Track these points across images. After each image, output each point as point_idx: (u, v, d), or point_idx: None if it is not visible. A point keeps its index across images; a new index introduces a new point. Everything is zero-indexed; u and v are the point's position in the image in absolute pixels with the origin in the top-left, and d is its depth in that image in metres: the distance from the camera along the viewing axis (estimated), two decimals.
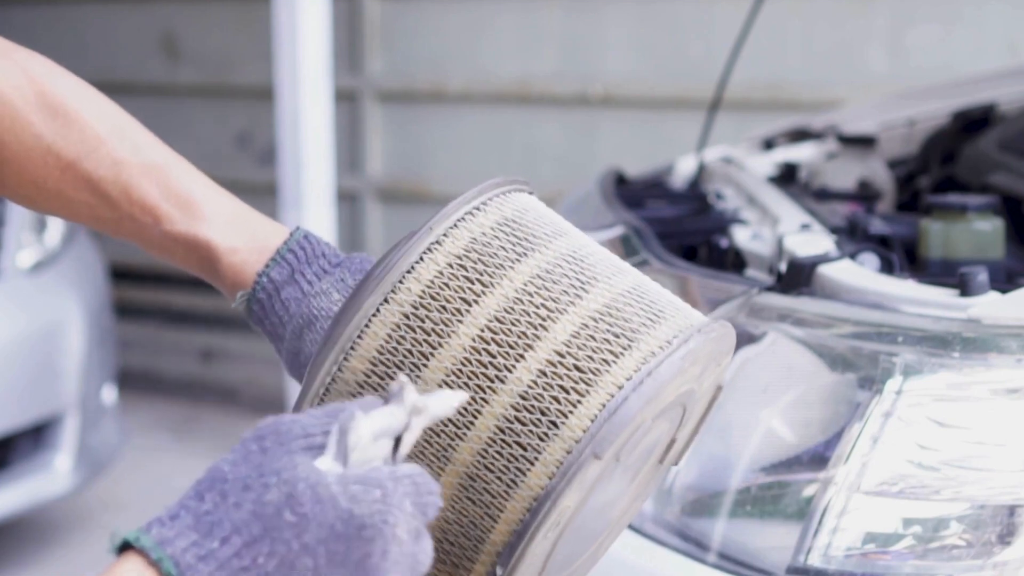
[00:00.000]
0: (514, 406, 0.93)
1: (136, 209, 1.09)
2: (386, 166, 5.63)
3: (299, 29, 4.32)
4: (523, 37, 5.29)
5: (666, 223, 2.42)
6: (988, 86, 2.98)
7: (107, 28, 6.14)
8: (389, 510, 0.81)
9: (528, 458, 0.93)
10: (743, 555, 1.78)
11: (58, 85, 1.11)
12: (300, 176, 4.44)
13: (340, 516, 0.80)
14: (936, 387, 1.72)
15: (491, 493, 0.93)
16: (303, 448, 0.82)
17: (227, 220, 1.10)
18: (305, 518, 0.79)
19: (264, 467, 0.81)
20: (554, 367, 0.94)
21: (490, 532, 0.94)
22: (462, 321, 0.95)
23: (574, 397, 0.93)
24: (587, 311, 0.96)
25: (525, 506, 0.93)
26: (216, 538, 0.79)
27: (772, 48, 4.63)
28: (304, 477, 0.80)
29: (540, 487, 0.92)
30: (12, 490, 3.78)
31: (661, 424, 1.00)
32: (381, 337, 0.95)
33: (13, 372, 3.79)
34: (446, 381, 0.94)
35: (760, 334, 1.90)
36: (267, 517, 0.79)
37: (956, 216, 2.06)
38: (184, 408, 5.59)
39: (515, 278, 0.96)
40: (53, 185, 1.10)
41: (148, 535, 0.79)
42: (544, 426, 0.93)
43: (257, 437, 0.82)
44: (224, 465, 0.81)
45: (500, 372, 0.94)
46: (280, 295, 1.06)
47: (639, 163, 3.53)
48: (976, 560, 1.66)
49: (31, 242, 4.00)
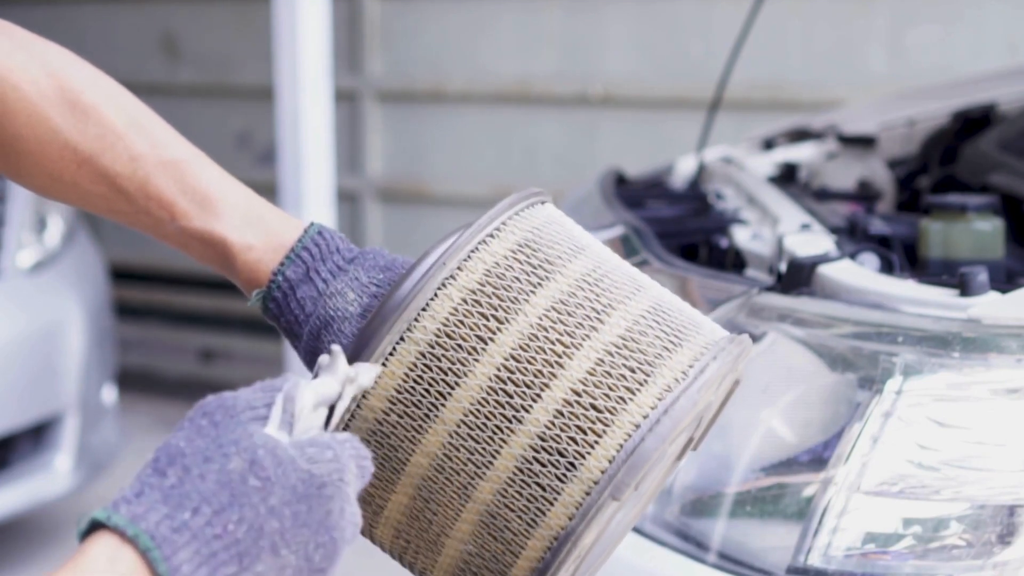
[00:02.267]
0: (532, 446, 0.94)
1: (153, 204, 1.09)
2: (386, 166, 5.63)
3: (299, 29, 4.32)
4: (523, 37, 5.29)
5: (666, 223, 2.42)
6: (988, 86, 2.98)
7: (107, 28, 6.14)
8: (343, 468, 0.85)
9: (547, 499, 0.94)
10: (743, 555, 1.78)
11: (76, 78, 1.11)
12: (300, 176, 4.44)
13: (301, 477, 0.83)
14: (936, 387, 1.72)
15: (512, 531, 0.95)
16: (251, 419, 0.84)
17: (242, 217, 1.10)
18: (269, 481, 0.82)
19: (221, 439, 0.83)
20: (571, 406, 0.94)
21: (511, 568, 0.95)
22: (479, 360, 0.95)
23: (591, 438, 0.93)
24: (603, 344, 0.95)
25: (546, 544, 0.94)
26: (187, 509, 0.80)
27: (772, 48, 4.63)
28: (263, 444, 0.83)
29: (560, 527, 0.93)
30: (12, 490, 3.78)
31: (680, 439, 1.01)
32: (399, 376, 0.96)
33: (13, 372, 3.78)
34: (464, 421, 0.94)
35: (760, 334, 1.90)
36: (233, 484, 0.81)
37: (956, 216, 2.06)
38: (184, 408, 5.54)
39: (531, 312, 0.96)
40: (70, 178, 1.10)
41: (118, 514, 0.80)
42: (563, 467, 0.93)
43: (205, 413, 0.85)
44: (179, 441, 0.83)
45: (518, 412, 0.94)
46: (296, 294, 1.06)
47: (639, 163, 3.53)
48: (976, 560, 1.66)
49: (31, 242, 4.00)
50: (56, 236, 4.10)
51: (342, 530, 0.85)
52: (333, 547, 0.84)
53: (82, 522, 0.81)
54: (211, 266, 1.11)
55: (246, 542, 0.80)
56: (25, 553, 4.13)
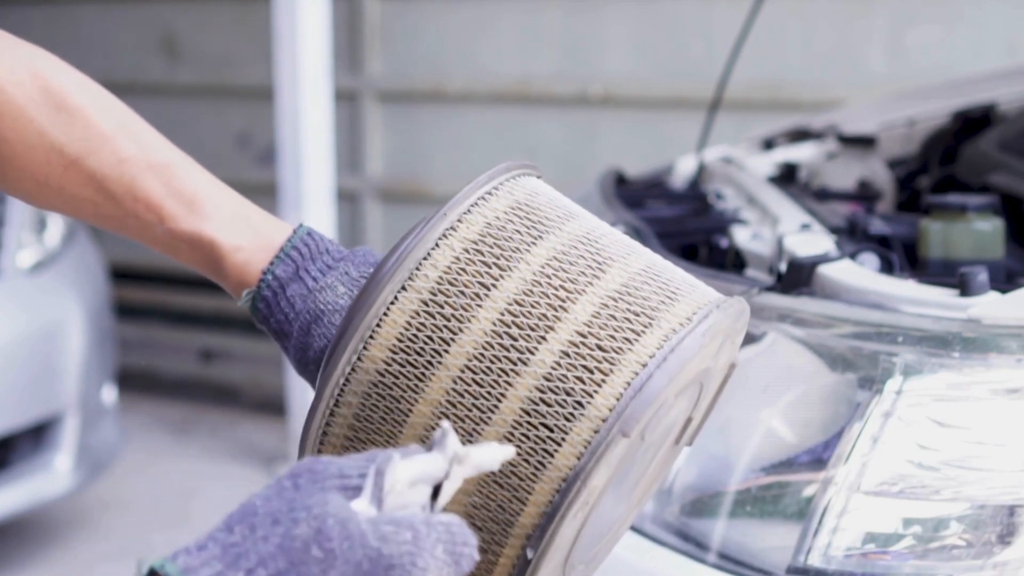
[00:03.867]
0: (538, 388, 0.93)
1: (140, 207, 1.08)
2: (386, 166, 5.63)
3: (299, 29, 4.32)
4: (523, 37, 5.29)
5: (666, 223, 2.42)
6: (988, 86, 2.98)
7: (107, 28, 6.14)
8: (419, 553, 0.80)
9: (555, 439, 0.93)
10: (743, 555, 1.78)
11: (62, 81, 1.10)
12: (300, 176, 4.44)
13: (368, 555, 0.79)
14: (936, 387, 1.72)
15: (519, 476, 0.93)
16: (338, 487, 0.81)
17: (231, 218, 1.09)
18: (332, 554, 0.79)
19: (296, 502, 0.80)
20: (576, 347, 0.94)
21: (519, 515, 0.94)
22: (481, 305, 0.95)
23: (598, 376, 0.93)
24: (605, 291, 0.96)
25: (554, 487, 0.93)
26: (241, 569, 0.78)
27: (772, 48, 4.63)
28: (334, 513, 0.79)
29: (568, 467, 0.92)
30: (12, 490, 3.78)
31: (681, 402, 1.01)
32: (400, 325, 0.95)
33: (13, 372, 3.78)
34: (468, 366, 0.94)
35: (760, 334, 1.90)
36: (294, 551, 0.78)
37: (956, 216, 2.06)
38: (184, 408, 5.59)
39: (532, 261, 0.97)
40: (56, 182, 1.09)
41: (174, 563, 0.78)
42: (570, 407, 0.93)
43: (292, 475, 0.82)
44: (256, 500, 0.81)
45: (523, 355, 0.94)
46: (285, 292, 1.05)
47: (639, 163, 3.53)
48: (976, 560, 1.66)
49: (31, 242, 4.00)
50: (56, 236, 4.10)
51: None
52: None
53: (141, 567, 0.79)
54: (199, 269, 1.10)
55: None
56: (25, 553, 4.13)
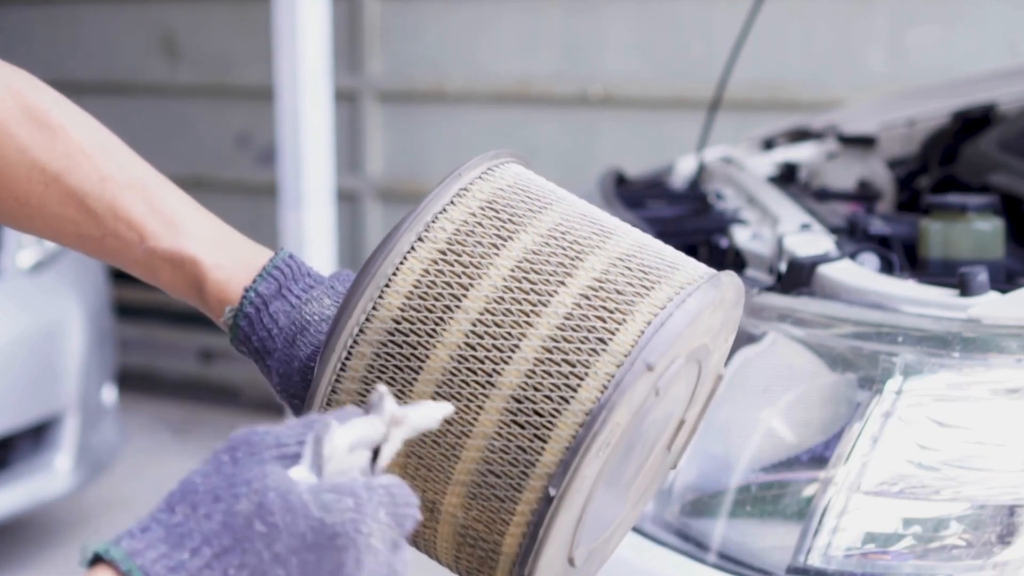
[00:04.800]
0: (559, 327, 0.95)
1: (122, 226, 1.08)
2: (386, 166, 5.63)
3: (299, 29, 4.32)
4: (523, 37, 5.29)
5: (666, 223, 2.42)
6: (988, 86, 2.98)
7: (107, 28, 6.14)
8: (362, 519, 0.80)
9: (578, 374, 0.93)
10: (743, 555, 1.78)
11: (42, 99, 1.09)
12: (300, 176, 4.43)
13: (311, 525, 0.79)
14: (936, 387, 1.72)
15: (540, 413, 0.94)
16: (276, 458, 0.81)
17: (212, 239, 1.08)
18: (275, 528, 0.78)
19: (235, 477, 0.79)
20: (595, 291, 0.96)
21: (540, 455, 0.94)
22: (499, 254, 0.97)
23: (618, 316, 0.95)
24: (616, 251, 0.99)
25: (577, 422, 0.93)
26: (186, 549, 0.78)
27: (772, 48, 4.63)
28: (275, 486, 0.79)
29: (592, 401, 0.93)
30: (12, 490, 3.78)
31: (681, 383, 1.02)
32: (417, 272, 0.97)
33: (13, 372, 3.79)
34: (487, 309, 0.95)
35: (760, 334, 1.90)
36: (237, 528, 0.78)
37: (956, 216, 2.06)
38: (184, 408, 5.59)
39: (547, 220, 1.00)
40: (36, 200, 1.08)
41: (118, 547, 0.78)
42: (592, 343, 0.94)
43: (229, 448, 0.81)
44: (196, 477, 0.80)
45: (542, 296, 0.96)
46: (268, 308, 1.04)
47: (639, 163, 3.53)
48: (976, 560, 1.66)
49: (31, 242, 4.00)
50: None
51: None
52: None
53: (86, 551, 0.79)
54: (179, 289, 1.09)
55: None
56: (25, 553, 4.13)
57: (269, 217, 5.31)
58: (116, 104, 6.17)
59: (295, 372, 1.04)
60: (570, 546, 0.98)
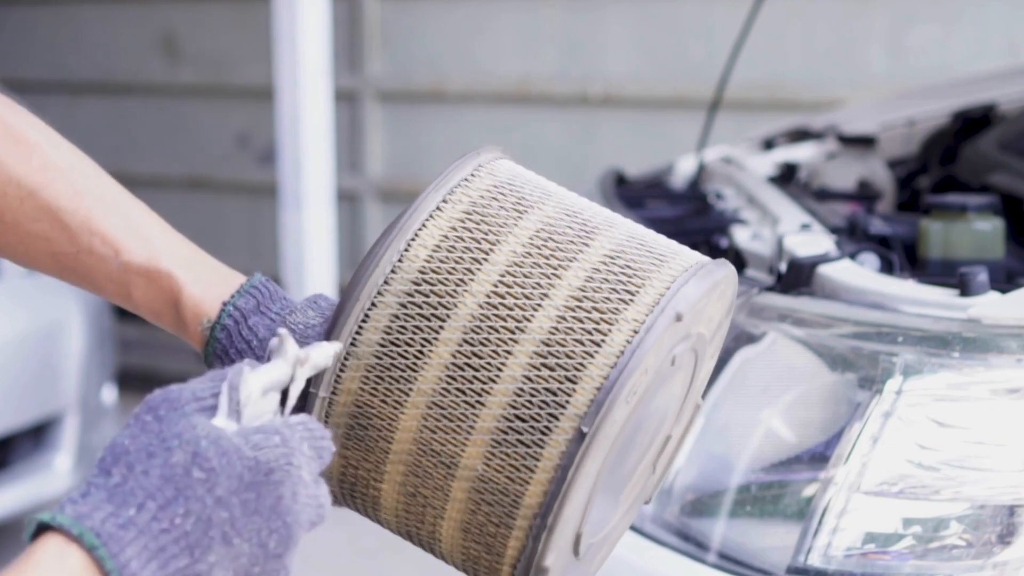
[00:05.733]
0: (588, 279, 0.98)
1: (96, 240, 1.07)
2: (386, 166, 5.63)
3: (299, 29, 4.32)
4: (523, 37, 5.29)
5: (666, 223, 2.42)
6: (988, 86, 2.98)
7: (107, 28, 6.14)
8: (292, 452, 0.85)
9: (608, 320, 0.96)
10: (743, 555, 1.78)
11: (16, 116, 1.09)
12: (300, 176, 4.43)
13: (247, 465, 0.83)
14: (936, 387, 1.72)
15: (571, 356, 0.96)
16: (197, 410, 0.85)
17: (187, 257, 1.08)
18: (213, 472, 0.82)
19: (164, 433, 0.83)
20: (621, 254, 1.00)
21: (571, 396, 0.95)
22: (521, 217, 1.01)
23: (645, 274, 0.99)
24: (622, 235, 1.02)
25: (609, 363, 0.95)
26: (132, 506, 0.81)
27: (772, 48, 4.63)
28: (205, 435, 0.83)
29: (623, 344, 0.95)
30: (12, 490, 3.78)
31: (679, 379, 1.03)
32: (444, 229, 1.00)
33: (13, 372, 3.78)
34: (515, 262, 0.98)
35: (760, 334, 1.90)
36: (177, 478, 0.82)
37: (956, 216, 2.06)
38: None
39: (549, 202, 1.03)
40: (11, 217, 1.08)
41: (63, 514, 0.80)
42: (621, 294, 0.97)
43: (150, 408, 0.85)
44: (123, 439, 0.84)
45: (568, 254, 0.99)
46: (247, 321, 1.04)
47: (639, 163, 3.53)
48: (976, 560, 1.66)
49: None
50: None
51: (296, 514, 0.85)
52: (287, 532, 0.84)
53: (30, 524, 0.81)
54: (152, 307, 1.08)
55: (195, 534, 0.81)
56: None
57: (269, 217, 5.31)
58: (116, 104, 6.17)
59: None
60: (579, 526, 0.99)
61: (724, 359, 1.92)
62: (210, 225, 5.92)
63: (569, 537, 0.98)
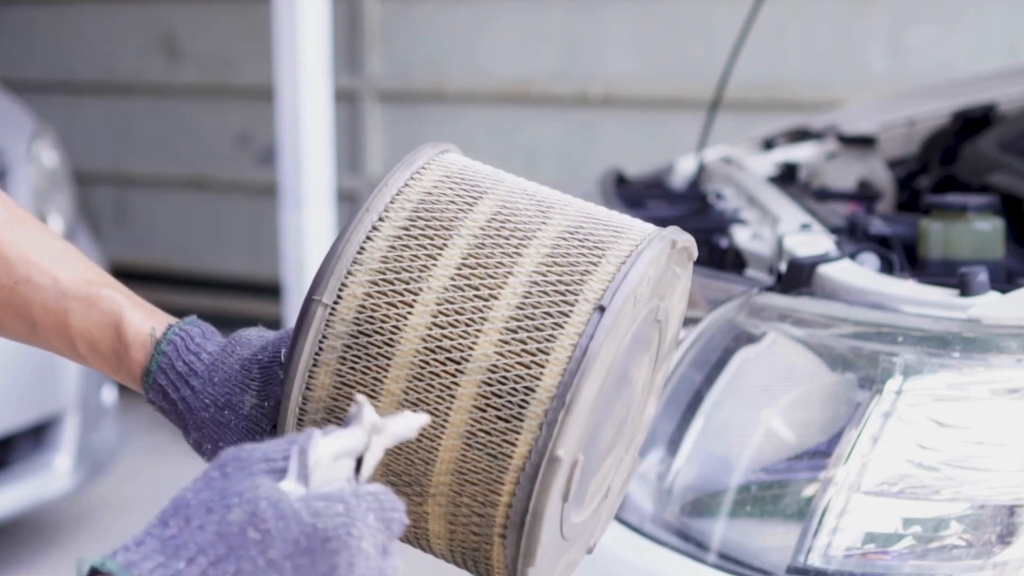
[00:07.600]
0: (544, 260, 1.00)
1: (34, 270, 1.08)
2: (386, 166, 5.63)
3: (299, 29, 4.32)
4: (523, 37, 5.29)
5: (666, 223, 2.42)
6: (988, 86, 2.98)
7: (107, 28, 6.14)
8: (353, 523, 0.83)
9: (572, 291, 0.98)
10: (743, 555, 1.78)
11: None
12: (300, 176, 4.43)
13: (304, 530, 0.82)
14: (936, 387, 1.72)
15: (540, 328, 0.97)
16: (264, 471, 0.84)
17: (124, 289, 1.10)
18: (269, 534, 0.81)
19: (227, 490, 0.82)
20: (566, 240, 1.01)
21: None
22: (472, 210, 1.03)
23: (597, 252, 1.01)
24: (579, 211, 1.05)
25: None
26: (182, 559, 0.80)
27: (772, 48, 4.63)
28: (266, 496, 0.82)
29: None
30: (12, 490, 3.78)
31: (642, 361, 1.05)
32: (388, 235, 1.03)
33: (13, 372, 3.78)
34: (470, 254, 1.00)
35: (760, 334, 1.90)
36: (231, 536, 0.81)
37: (956, 216, 2.06)
38: None
39: (508, 182, 1.07)
40: None
41: (113, 560, 0.80)
42: (583, 266, 0.99)
43: (219, 465, 0.84)
44: (187, 493, 0.83)
45: (528, 234, 1.01)
46: (194, 340, 1.07)
47: (639, 163, 3.53)
48: (976, 560, 1.66)
49: None
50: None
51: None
52: None
53: (82, 567, 0.81)
54: (89, 335, 1.08)
55: None
56: (25, 553, 4.14)
57: (269, 217, 5.31)
58: (116, 104, 6.17)
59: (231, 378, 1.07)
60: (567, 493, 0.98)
61: (724, 359, 1.92)
62: (210, 225, 5.92)
63: (568, 472, 0.97)
